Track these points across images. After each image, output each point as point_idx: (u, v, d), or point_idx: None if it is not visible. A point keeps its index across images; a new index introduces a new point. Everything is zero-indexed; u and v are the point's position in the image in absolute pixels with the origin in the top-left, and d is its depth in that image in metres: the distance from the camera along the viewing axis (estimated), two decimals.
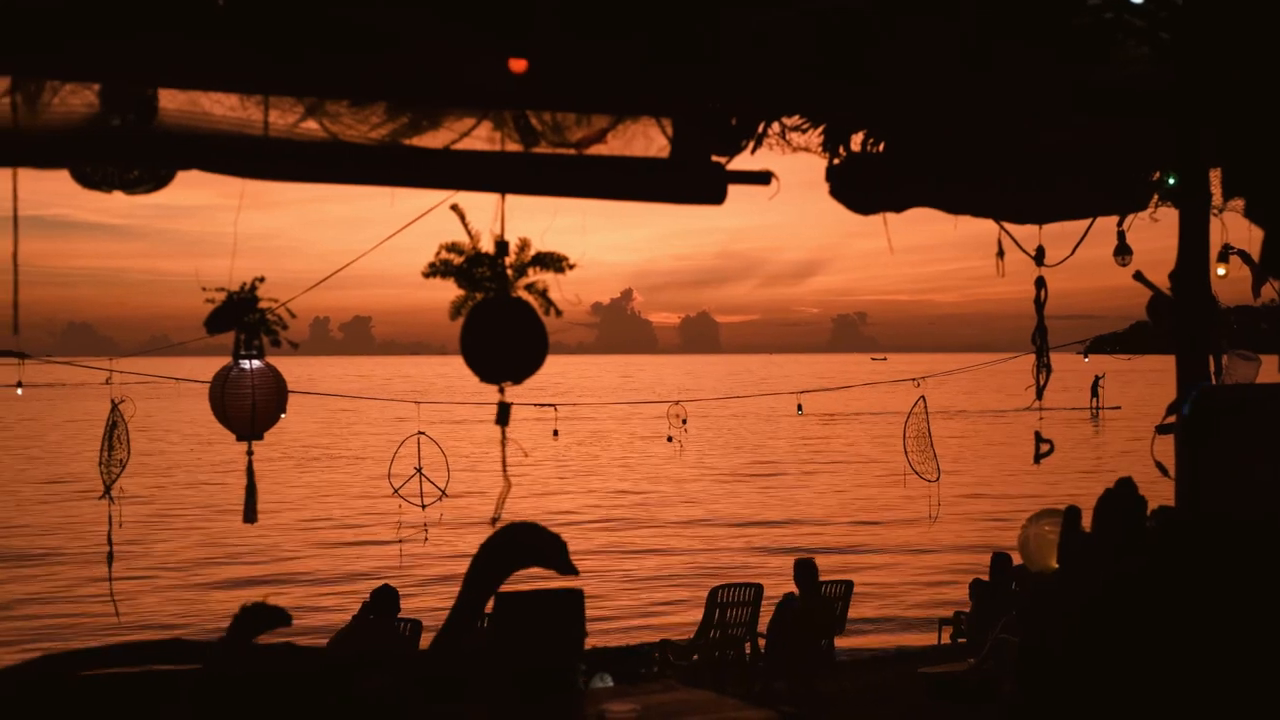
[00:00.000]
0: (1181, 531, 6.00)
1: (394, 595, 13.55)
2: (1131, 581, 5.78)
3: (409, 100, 5.47)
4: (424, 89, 5.37)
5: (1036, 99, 5.66)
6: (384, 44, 4.94)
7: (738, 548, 32.39)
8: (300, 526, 36.13)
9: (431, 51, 5.03)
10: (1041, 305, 7.36)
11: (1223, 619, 5.62)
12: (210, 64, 4.94)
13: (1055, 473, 39.66)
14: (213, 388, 6.54)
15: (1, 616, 24.56)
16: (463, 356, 6.05)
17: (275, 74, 5.07)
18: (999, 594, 15.34)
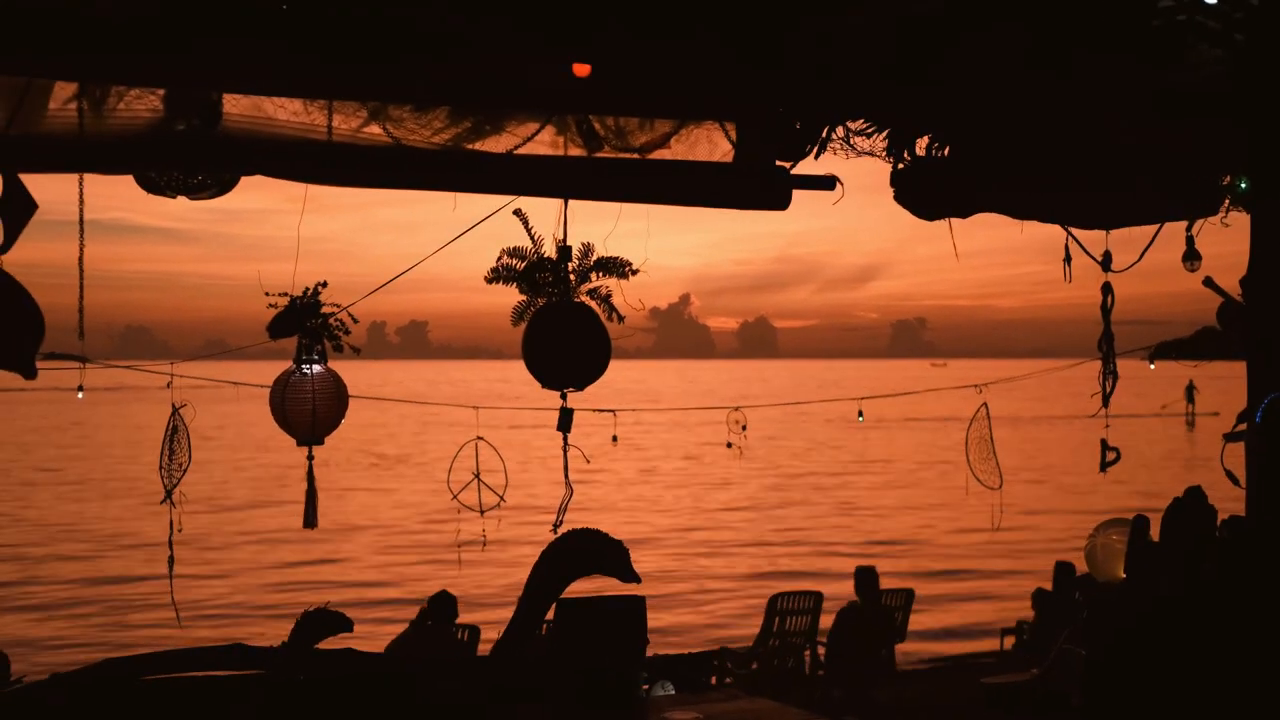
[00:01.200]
0: (1251, 541, 5.91)
1: (452, 601, 13.54)
2: (1200, 591, 5.70)
3: (472, 105, 5.45)
4: (488, 93, 5.35)
5: (1108, 103, 5.58)
6: (448, 49, 4.92)
7: (798, 554, 32.27)
8: (360, 532, 36.23)
9: (496, 56, 5.01)
10: (1108, 311, 7.27)
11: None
12: (274, 69, 4.93)
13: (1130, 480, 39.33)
14: (273, 392, 6.53)
15: (63, 621, 24.74)
16: (525, 362, 6.02)
17: (339, 79, 5.06)
18: (1062, 603, 15.19)
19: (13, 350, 5.09)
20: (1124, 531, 6.91)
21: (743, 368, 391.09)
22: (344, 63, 4.88)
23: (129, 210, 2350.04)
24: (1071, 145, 5.99)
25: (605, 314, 6.10)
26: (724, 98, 5.72)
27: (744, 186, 6.10)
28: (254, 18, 4.67)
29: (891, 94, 5.67)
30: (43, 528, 38.00)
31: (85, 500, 45.41)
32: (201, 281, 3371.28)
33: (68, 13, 4.52)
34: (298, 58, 4.82)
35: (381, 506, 42.87)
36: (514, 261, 6.07)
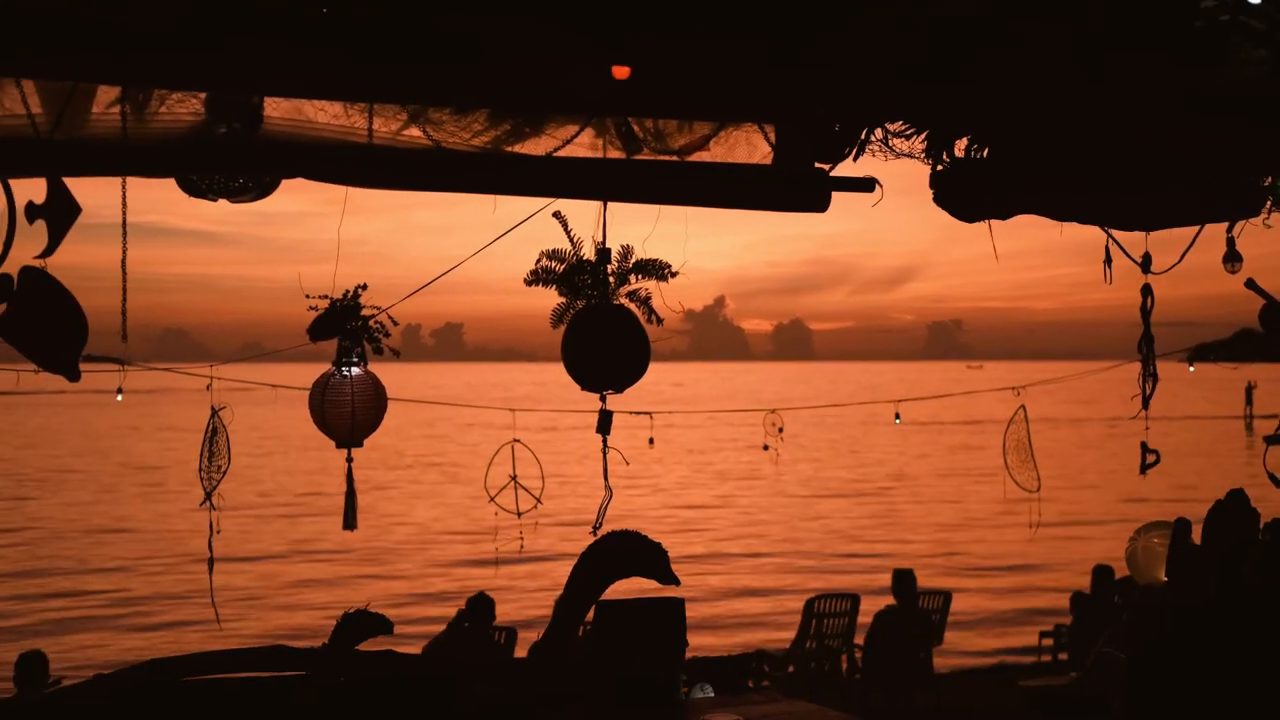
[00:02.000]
0: None
1: (490, 603, 13.58)
2: (1242, 594, 5.67)
3: (512, 107, 5.46)
4: (527, 96, 5.36)
5: (1148, 103, 5.55)
6: (487, 51, 4.93)
7: (835, 556, 32.23)
8: (399, 533, 36.35)
9: (535, 59, 5.02)
10: (1148, 313, 7.23)
11: None
12: (314, 72, 4.95)
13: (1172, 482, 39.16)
14: (312, 395, 6.55)
15: (105, 623, 24.88)
16: (564, 364, 6.03)
17: (378, 82, 5.07)
18: (1101, 607, 15.13)
19: (58, 353, 5.12)
20: (1165, 534, 6.87)
21: (778, 370, 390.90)
22: (384, 66, 4.89)
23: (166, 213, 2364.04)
24: (1111, 146, 5.97)
25: (645, 316, 6.11)
26: (763, 101, 5.72)
27: (783, 188, 6.10)
28: (295, 20, 4.69)
29: (930, 96, 5.65)
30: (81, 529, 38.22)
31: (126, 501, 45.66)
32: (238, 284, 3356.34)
33: (109, 17, 4.54)
34: (338, 61, 4.84)
35: (419, 508, 43.01)
36: (553, 264, 6.08)
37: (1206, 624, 5.69)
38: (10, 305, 5.07)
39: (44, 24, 4.44)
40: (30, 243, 5.11)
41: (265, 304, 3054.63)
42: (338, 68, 4.91)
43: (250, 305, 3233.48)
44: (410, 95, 5.29)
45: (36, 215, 5.07)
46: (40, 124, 5.00)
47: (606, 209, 6.04)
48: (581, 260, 6.07)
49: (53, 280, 5.14)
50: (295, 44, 4.75)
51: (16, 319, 5.07)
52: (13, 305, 5.07)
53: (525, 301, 5.91)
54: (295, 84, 5.10)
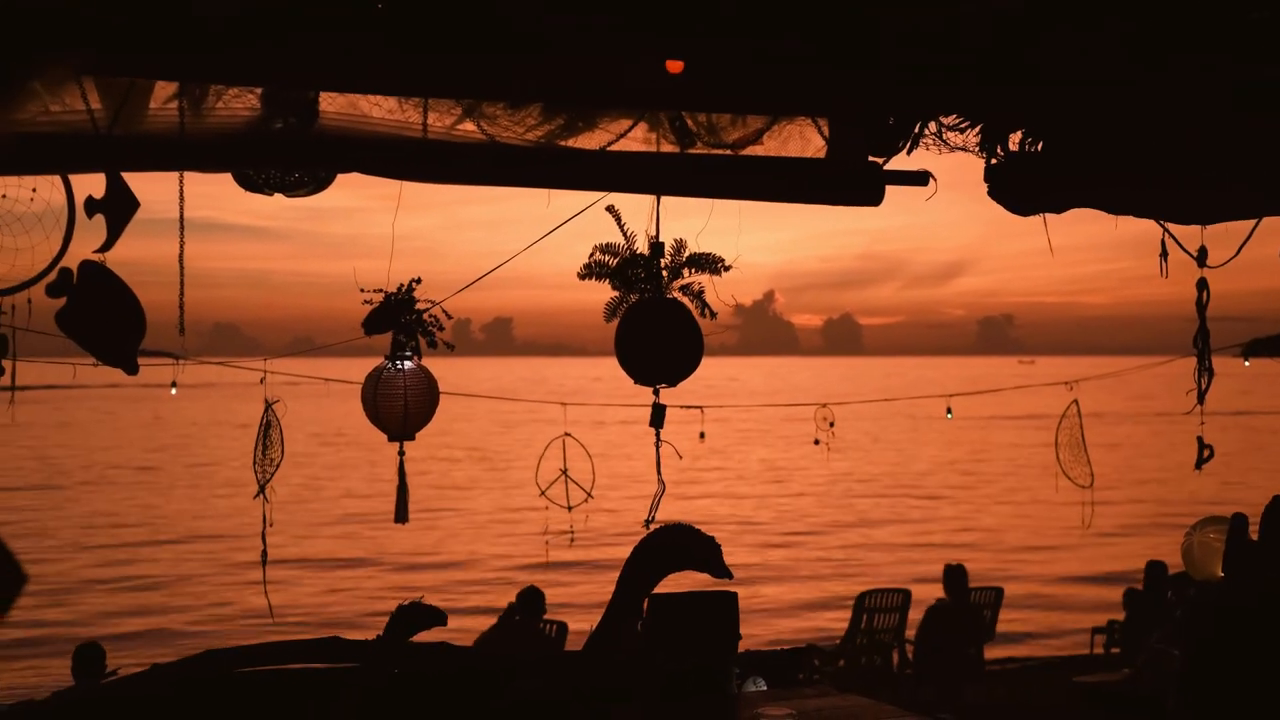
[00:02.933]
0: None
1: (540, 597, 13.62)
2: None
3: (566, 102, 5.47)
4: (582, 91, 5.37)
5: (1207, 98, 5.52)
6: (542, 46, 4.94)
7: (885, 551, 32.16)
8: (450, 526, 36.47)
9: (590, 54, 5.02)
10: (1204, 307, 7.18)
11: None
12: (370, 67, 4.97)
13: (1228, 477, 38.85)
14: (365, 388, 6.58)
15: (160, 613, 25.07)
16: (618, 358, 6.04)
17: (434, 76, 5.09)
18: (1154, 603, 15.05)
19: (118, 347, 5.17)
20: (1222, 529, 6.84)
21: (828, 365, 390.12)
22: (440, 59, 4.91)
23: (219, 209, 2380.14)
24: (1168, 140, 5.93)
25: (698, 310, 6.10)
26: (816, 95, 5.71)
27: (837, 182, 6.09)
28: (351, 15, 4.71)
29: (985, 90, 5.63)
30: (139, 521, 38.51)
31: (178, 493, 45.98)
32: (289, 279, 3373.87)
33: (166, 13, 4.58)
34: (394, 56, 4.86)
35: (471, 502, 43.16)
36: (607, 258, 6.08)
37: (1263, 621, 5.65)
38: (70, 299, 5.12)
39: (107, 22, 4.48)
40: (89, 237, 5.12)
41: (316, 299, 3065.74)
42: (392, 62, 4.93)
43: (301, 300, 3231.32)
44: (465, 90, 5.30)
45: (95, 210, 5.13)
46: (99, 119, 5.04)
47: (660, 203, 6.05)
48: (635, 254, 6.07)
49: (112, 274, 5.19)
50: (350, 38, 4.78)
51: (76, 312, 5.12)
52: (72, 299, 5.12)
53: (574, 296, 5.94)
54: (349, 78, 5.13)
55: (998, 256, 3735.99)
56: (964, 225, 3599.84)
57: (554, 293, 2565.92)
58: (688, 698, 5.52)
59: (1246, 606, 5.70)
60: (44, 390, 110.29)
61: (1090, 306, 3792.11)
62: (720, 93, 5.59)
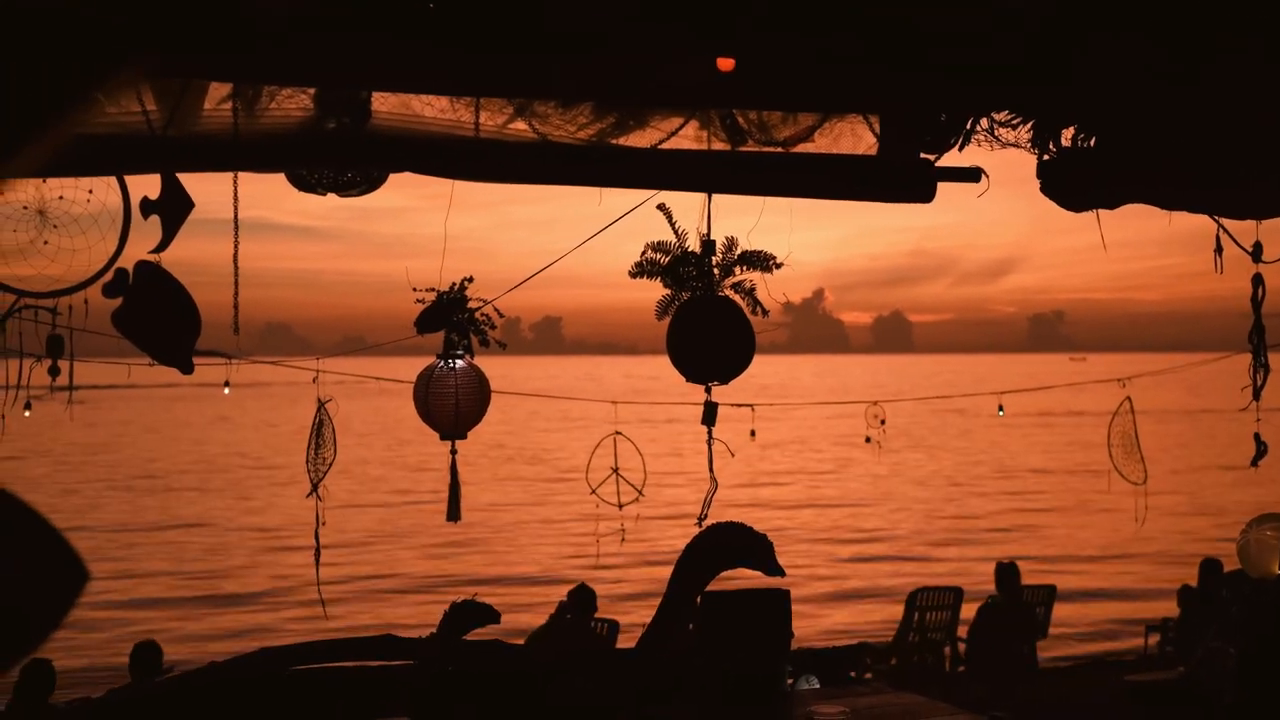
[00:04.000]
0: None
1: (591, 595, 13.62)
2: None
3: (618, 100, 5.48)
4: (634, 89, 5.37)
5: (1258, 91, 5.48)
6: (594, 44, 4.95)
7: (937, 548, 32.05)
8: (501, 525, 36.55)
9: (642, 51, 5.03)
10: (1259, 303, 7.13)
11: None
12: (422, 67, 4.99)
13: None
14: (417, 387, 6.60)
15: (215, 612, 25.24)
16: (669, 356, 6.04)
17: (485, 76, 5.11)
18: (1210, 601, 14.94)
19: (174, 346, 5.21)
20: (1277, 527, 6.79)
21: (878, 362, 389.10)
22: (492, 58, 4.92)
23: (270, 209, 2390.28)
24: (1221, 135, 5.89)
25: (749, 308, 6.10)
26: (867, 93, 5.69)
27: (889, 179, 6.07)
28: (403, 16, 4.73)
29: (1037, 88, 5.61)
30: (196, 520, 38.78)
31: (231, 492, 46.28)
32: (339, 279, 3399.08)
33: (219, 14, 4.61)
34: (445, 55, 4.88)
35: (522, 500, 43.23)
36: (659, 256, 6.09)
37: None
38: (126, 299, 5.17)
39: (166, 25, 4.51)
40: (144, 238, 5.20)
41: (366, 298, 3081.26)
42: (445, 61, 4.95)
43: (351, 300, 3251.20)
44: (517, 89, 5.32)
45: (151, 210, 5.17)
46: (154, 121, 5.08)
47: (711, 201, 6.04)
48: (686, 252, 6.07)
49: (167, 274, 5.23)
50: (399, 37, 4.80)
51: (132, 312, 5.17)
52: (128, 299, 5.17)
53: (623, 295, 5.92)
54: (401, 78, 5.15)
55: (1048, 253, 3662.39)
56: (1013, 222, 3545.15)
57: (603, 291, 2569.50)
58: (740, 697, 5.52)
59: None
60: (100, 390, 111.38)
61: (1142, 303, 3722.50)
62: (772, 90, 5.59)
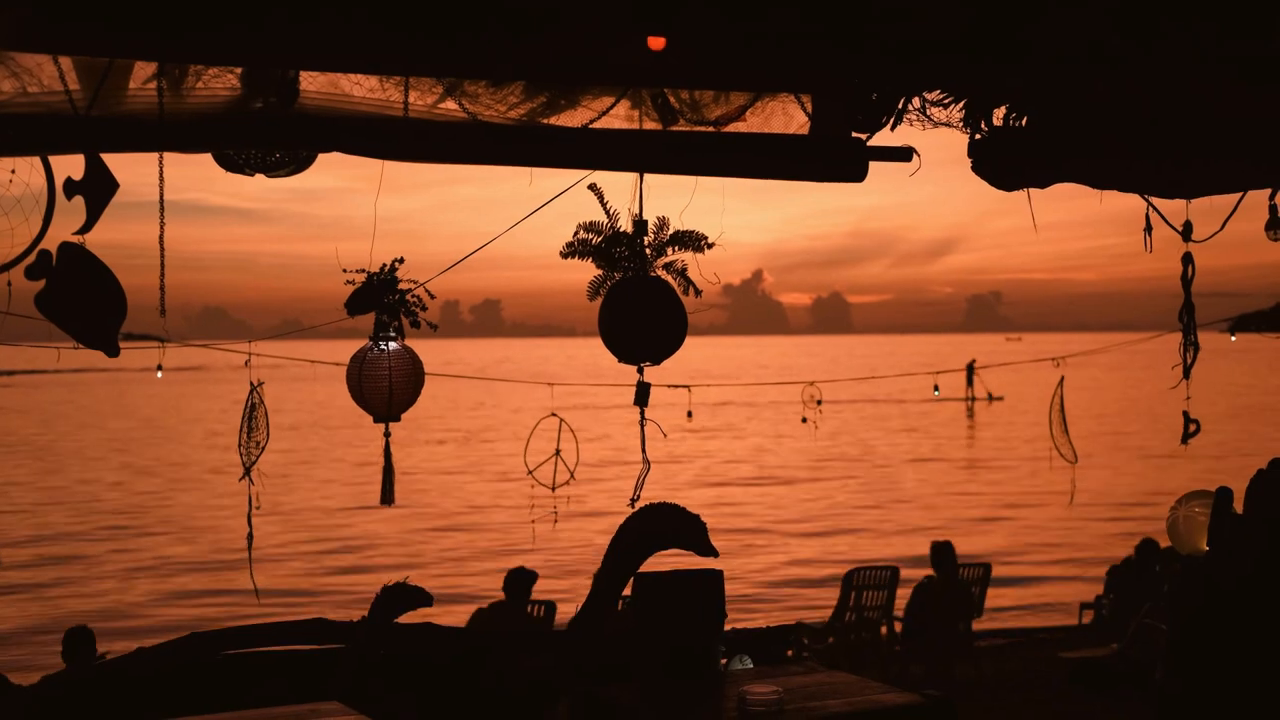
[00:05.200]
0: None
1: (528, 577, 13.62)
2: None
3: (548, 79, 5.45)
4: (564, 68, 5.35)
5: (1192, 70, 5.51)
6: (524, 23, 4.92)
7: (874, 528, 32.21)
8: (435, 508, 36.46)
9: (572, 30, 5.00)
10: (1189, 282, 7.18)
11: None
12: (354, 46, 4.95)
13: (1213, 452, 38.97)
14: (350, 370, 6.55)
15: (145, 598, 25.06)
16: (601, 337, 6.02)
17: (421, 56, 5.07)
18: (1143, 578, 15.10)
19: (98, 329, 5.15)
20: (1206, 503, 6.84)
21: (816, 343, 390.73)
22: (422, 37, 4.89)
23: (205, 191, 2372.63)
24: (1153, 113, 5.92)
25: (681, 288, 6.09)
26: (801, 71, 5.69)
27: (820, 159, 6.08)
28: None
29: (972, 65, 5.62)
30: (117, 509, 38.48)
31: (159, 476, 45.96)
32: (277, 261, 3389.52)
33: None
34: (375, 33, 4.84)
35: (456, 482, 43.15)
36: (590, 236, 6.07)
37: (1248, 594, 5.65)
38: (50, 281, 5.10)
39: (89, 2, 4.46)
40: (69, 219, 5.13)
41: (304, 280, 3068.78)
42: (374, 40, 4.91)
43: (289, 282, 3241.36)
44: (446, 68, 5.28)
45: (75, 192, 5.10)
46: (78, 101, 5.01)
47: (643, 181, 6.03)
48: (618, 232, 6.05)
49: (91, 256, 5.16)
50: (334, 16, 4.75)
51: (56, 295, 5.10)
52: (52, 281, 5.10)
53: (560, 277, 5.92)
54: (333, 58, 5.11)
55: (987, 234, 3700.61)
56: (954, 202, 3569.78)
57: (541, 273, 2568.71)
58: (674, 676, 5.52)
59: (1233, 578, 5.71)
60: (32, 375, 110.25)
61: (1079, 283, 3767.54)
62: (704, 68, 5.58)
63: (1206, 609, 5.72)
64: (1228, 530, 5.91)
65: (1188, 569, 6.52)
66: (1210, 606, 5.71)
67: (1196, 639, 5.72)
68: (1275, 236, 7.14)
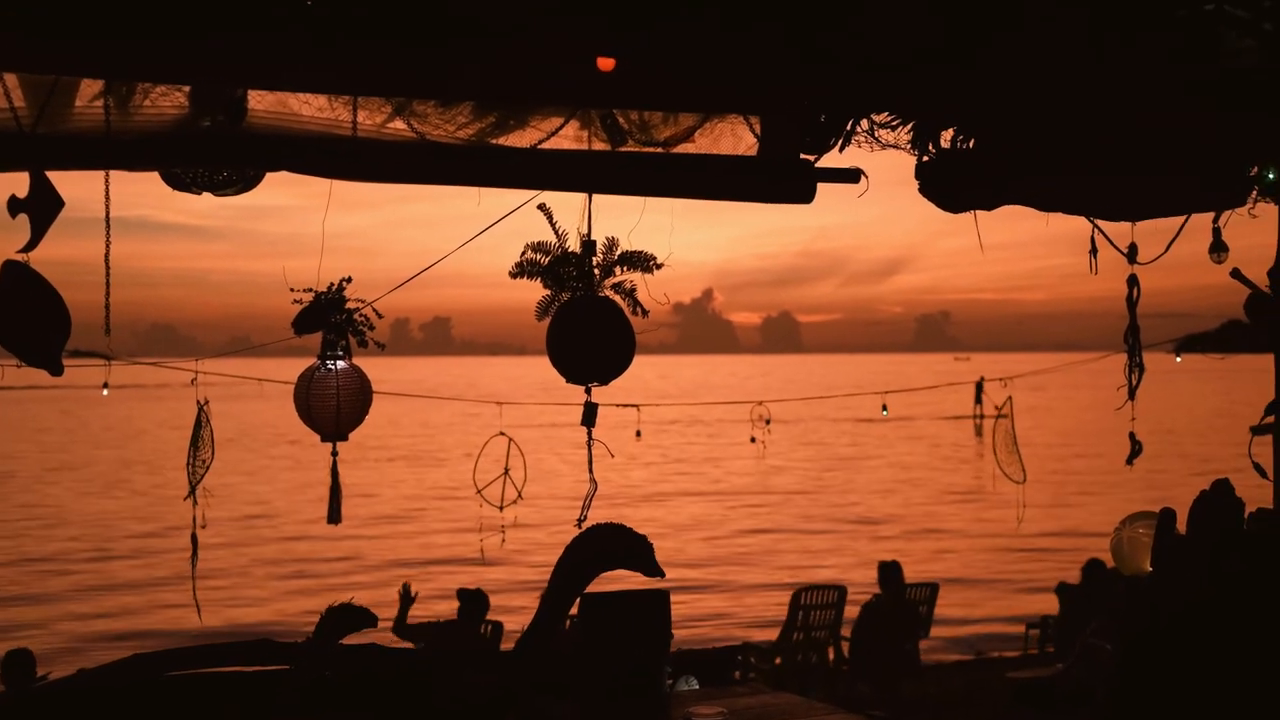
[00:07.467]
0: None
1: (480, 597, 13.58)
2: (1227, 585, 5.66)
3: (498, 100, 5.45)
4: (513, 89, 5.35)
5: (1137, 92, 5.56)
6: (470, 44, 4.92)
7: (821, 549, 32.27)
8: (382, 528, 36.33)
9: (521, 51, 5.00)
10: (1134, 304, 7.24)
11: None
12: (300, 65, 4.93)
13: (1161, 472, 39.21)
14: (297, 389, 6.53)
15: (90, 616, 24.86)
16: (549, 357, 6.02)
17: (364, 74, 5.06)
18: (1089, 598, 15.19)
19: (41, 347, 5.10)
20: (1150, 524, 6.88)
21: (766, 363, 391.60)
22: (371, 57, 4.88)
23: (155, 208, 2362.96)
24: (1099, 136, 5.97)
25: (630, 308, 6.09)
26: (750, 92, 5.71)
27: (768, 180, 6.09)
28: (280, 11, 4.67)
29: (920, 87, 5.65)
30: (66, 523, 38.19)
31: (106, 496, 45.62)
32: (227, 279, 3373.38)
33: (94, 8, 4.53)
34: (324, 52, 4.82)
35: (404, 502, 43.00)
36: (538, 256, 6.06)
37: (1192, 615, 5.68)
38: None
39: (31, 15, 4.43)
40: (14, 237, 5.09)
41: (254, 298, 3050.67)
42: (323, 59, 4.89)
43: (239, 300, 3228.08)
44: (396, 88, 5.27)
45: (19, 209, 5.05)
46: (23, 117, 4.98)
47: (592, 201, 6.03)
48: (566, 252, 6.06)
49: (35, 274, 5.12)
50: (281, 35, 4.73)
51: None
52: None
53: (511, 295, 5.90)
54: (281, 77, 5.09)
55: (937, 254, 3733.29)
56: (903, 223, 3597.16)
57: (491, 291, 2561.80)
58: (619, 698, 5.51)
59: (1175, 600, 5.74)
60: None
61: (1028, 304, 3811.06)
62: (654, 90, 5.59)
63: (1148, 632, 5.75)
64: (1171, 552, 5.95)
65: (1131, 590, 6.56)
66: (1152, 629, 5.74)
67: (1139, 661, 5.74)
68: (1219, 259, 7.21)
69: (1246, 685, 5.48)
